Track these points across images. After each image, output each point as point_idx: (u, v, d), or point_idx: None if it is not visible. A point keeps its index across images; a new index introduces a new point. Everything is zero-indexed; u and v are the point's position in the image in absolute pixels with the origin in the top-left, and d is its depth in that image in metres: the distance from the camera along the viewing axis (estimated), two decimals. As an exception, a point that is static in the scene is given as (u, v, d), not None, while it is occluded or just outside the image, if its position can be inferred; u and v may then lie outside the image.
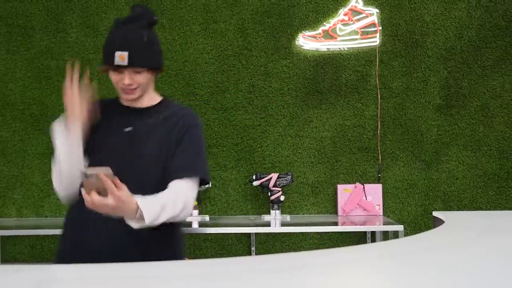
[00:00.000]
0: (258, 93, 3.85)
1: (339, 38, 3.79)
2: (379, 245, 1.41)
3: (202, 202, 3.81)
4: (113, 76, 1.84)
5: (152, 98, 1.98)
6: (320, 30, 3.80)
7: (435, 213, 2.32)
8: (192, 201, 1.81)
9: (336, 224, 3.30)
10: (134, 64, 1.79)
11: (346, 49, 3.81)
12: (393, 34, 3.82)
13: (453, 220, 1.90)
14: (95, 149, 1.84)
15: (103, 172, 1.49)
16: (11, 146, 3.94)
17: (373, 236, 3.69)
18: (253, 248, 3.73)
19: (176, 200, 1.72)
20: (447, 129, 3.79)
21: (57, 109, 3.94)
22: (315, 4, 3.85)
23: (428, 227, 3.70)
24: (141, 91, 1.88)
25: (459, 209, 3.74)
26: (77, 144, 1.81)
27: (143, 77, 1.84)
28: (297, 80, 3.83)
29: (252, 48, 3.86)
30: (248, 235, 3.79)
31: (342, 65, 3.83)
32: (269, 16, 3.84)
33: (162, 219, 1.68)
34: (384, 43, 3.81)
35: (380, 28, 3.79)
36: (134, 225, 1.63)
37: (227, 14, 3.88)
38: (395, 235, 3.17)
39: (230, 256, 3.80)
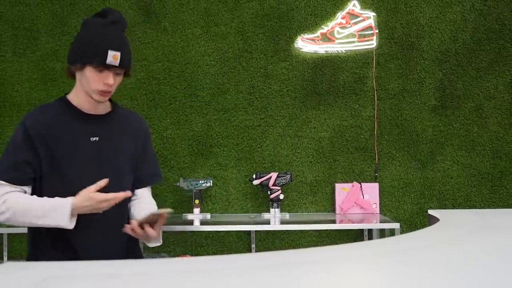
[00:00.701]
0: (258, 95, 3.85)
1: (337, 41, 3.79)
2: (376, 242, 1.41)
3: (204, 200, 3.81)
4: (94, 75, 1.76)
5: (107, 105, 1.96)
6: (318, 33, 3.80)
7: (430, 211, 2.32)
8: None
9: (334, 222, 3.30)
10: (123, 65, 1.78)
11: (344, 52, 3.81)
12: (390, 37, 3.82)
13: (448, 218, 1.90)
14: (64, 160, 1.76)
15: (167, 211, 1.74)
16: (18, 146, 3.93)
17: (370, 234, 3.69)
18: (253, 246, 3.73)
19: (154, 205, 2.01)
20: (442, 129, 3.79)
21: (62, 110, 3.94)
22: (313, 7, 3.85)
23: (423, 225, 3.71)
24: (111, 94, 1.86)
25: (453, 207, 3.75)
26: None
27: (118, 79, 1.83)
28: (296, 82, 3.83)
29: (252, 50, 3.87)
30: (248, 232, 3.80)
31: (340, 67, 3.83)
32: (268, 20, 3.85)
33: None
34: (381, 45, 3.81)
35: (377, 31, 3.79)
36: (154, 244, 1.90)
37: (228, 18, 3.88)
38: (392, 232, 3.18)
39: (230, 253, 3.80)
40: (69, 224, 1.70)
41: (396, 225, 3.12)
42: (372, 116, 3.81)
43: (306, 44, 3.79)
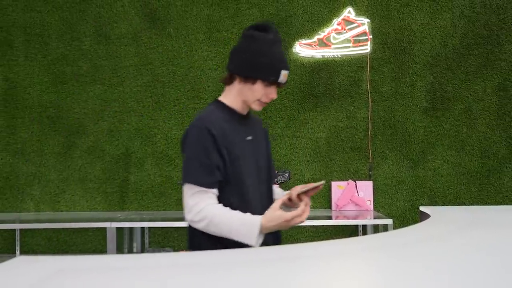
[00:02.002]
0: (258, 97, 3.84)
1: (333, 46, 3.79)
2: (370, 237, 1.41)
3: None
4: (262, 89, 1.74)
5: None
6: (315, 38, 3.81)
7: (421, 208, 2.32)
8: None
9: (330, 218, 3.30)
10: (286, 83, 1.82)
11: (340, 56, 3.81)
12: (383, 42, 3.82)
13: (438, 215, 1.90)
14: (238, 159, 1.74)
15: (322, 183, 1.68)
16: (30, 146, 3.94)
17: (364, 229, 3.70)
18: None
19: None
20: (433, 130, 3.79)
21: (72, 112, 3.95)
22: (310, 14, 3.85)
23: (415, 221, 3.71)
24: None
25: (443, 204, 3.75)
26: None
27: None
28: (294, 85, 3.83)
29: (253, 55, 3.86)
30: (248, 228, 3.79)
31: (336, 71, 3.83)
32: (268, 26, 3.84)
33: None
34: (375, 50, 3.81)
35: (371, 36, 3.79)
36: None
37: (229, 24, 3.89)
38: (385, 228, 3.18)
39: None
40: (255, 243, 1.61)
41: (389, 221, 3.13)
42: (366, 118, 3.81)
43: (304, 49, 3.79)
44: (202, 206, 1.68)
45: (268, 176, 1.80)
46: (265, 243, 1.67)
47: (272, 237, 1.78)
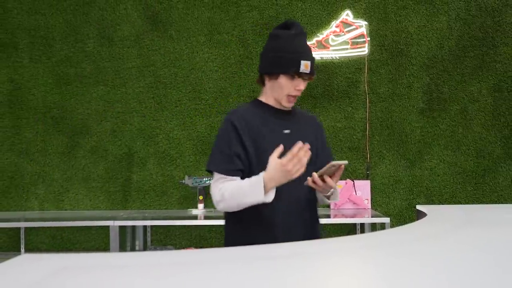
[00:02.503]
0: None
1: (331, 48, 3.79)
2: (368, 235, 1.41)
3: (207, 196, 3.81)
4: (287, 83, 1.80)
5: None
6: (314, 40, 3.81)
7: (418, 207, 2.32)
8: None
9: (328, 216, 3.30)
10: (312, 73, 1.81)
11: (338, 58, 3.81)
12: (380, 44, 3.82)
13: (435, 213, 1.90)
14: (266, 150, 1.76)
15: (344, 163, 1.69)
16: (34, 146, 3.94)
17: (362, 228, 3.69)
18: (253, 239, 3.72)
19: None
20: (429, 130, 3.79)
21: (76, 113, 3.95)
22: (309, 17, 3.85)
23: (412, 220, 3.71)
24: (296, 99, 1.90)
25: (440, 203, 3.75)
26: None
27: (305, 85, 1.85)
28: (293, 86, 3.83)
29: (253, 57, 3.87)
30: (248, 226, 3.79)
31: (334, 72, 3.83)
32: (268, 28, 3.85)
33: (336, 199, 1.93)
34: (372, 52, 3.81)
35: (369, 38, 3.79)
36: (333, 200, 1.91)
37: (230, 26, 3.89)
38: (382, 226, 3.18)
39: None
40: (265, 198, 1.68)
41: (386, 220, 3.12)
42: (364, 118, 3.81)
43: (303, 51, 3.78)
44: (220, 187, 1.77)
45: (308, 168, 1.75)
46: (296, 237, 1.74)
47: (305, 232, 1.85)
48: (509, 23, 3.77)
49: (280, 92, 1.83)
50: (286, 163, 1.62)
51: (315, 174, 1.74)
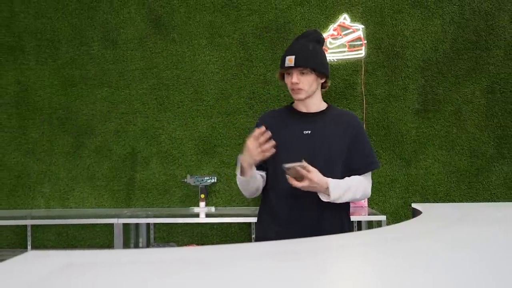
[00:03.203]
0: (258, 99, 3.85)
1: (329, 51, 3.79)
2: (365, 233, 1.41)
3: (209, 195, 3.81)
4: (286, 79, 1.95)
5: (320, 104, 2.04)
6: (312, 43, 3.80)
7: (414, 205, 2.32)
8: (370, 188, 2.01)
9: (326, 214, 3.29)
10: (298, 64, 1.89)
11: (336, 60, 3.81)
12: (377, 47, 3.82)
13: (430, 211, 1.90)
14: (282, 148, 1.89)
15: (298, 165, 1.75)
16: (40, 146, 3.94)
17: (359, 225, 3.69)
18: (253, 236, 3.73)
19: (358, 188, 1.91)
20: (424, 130, 3.79)
21: (81, 113, 3.95)
22: (308, 20, 3.85)
23: (407, 217, 3.71)
24: (307, 93, 1.94)
25: (435, 201, 3.75)
26: (249, 179, 1.92)
27: (307, 78, 1.92)
28: (292, 88, 3.83)
29: (253, 59, 3.87)
30: (248, 224, 3.80)
31: (332, 74, 3.83)
32: (267, 31, 3.85)
33: (343, 200, 1.88)
34: (369, 55, 3.81)
35: (365, 41, 3.79)
36: (324, 198, 1.84)
37: (231, 30, 3.89)
38: (379, 224, 3.18)
39: (232, 242, 3.80)
40: (239, 174, 1.91)
41: (382, 218, 3.12)
42: (361, 119, 3.81)
43: (301, 54, 3.78)
44: None
45: (323, 168, 1.84)
46: (302, 232, 1.77)
47: (312, 228, 1.88)
48: (501, 27, 3.77)
49: (288, 89, 1.97)
50: (248, 144, 1.80)
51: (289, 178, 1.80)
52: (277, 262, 0.97)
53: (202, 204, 3.64)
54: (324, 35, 3.81)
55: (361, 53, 3.78)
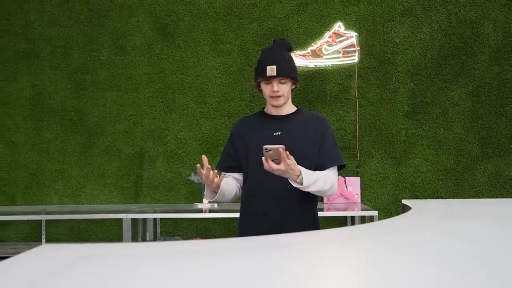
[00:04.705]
0: (257, 102, 3.85)
1: (324, 57, 3.79)
2: (357, 227, 1.41)
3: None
4: (264, 87, 1.93)
5: (290, 107, 2.03)
6: (309, 50, 3.81)
7: (404, 201, 2.31)
8: (336, 183, 1.97)
9: (322, 210, 3.29)
10: (280, 74, 1.89)
11: (330, 66, 3.81)
12: (369, 53, 3.82)
13: (419, 207, 1.90)
14: (254, 150, 1.90)
15: (281, 147, 1.70)
16: (54, 146, 3.94)
17: (352, 220, 3.69)
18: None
19: (327, 180, 1.87)
20: (414, 131, 3.79)
21: (92, 115, 3.95)
22: (304, 28, 3.85)
23: (398, 213, 3.71)
24: (284, 99, 1.95)
25: (423, 197, 3.75)
26: (224, 192, 1.91)
27: (285, 87, 1.92)
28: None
29: (253, 64, 3.86)
30: (249, 219, 3.79)
31: (327, 79, 3.83)
32: (267, 38, 3.85)
33: (313, 189, 1.83)
34: (362, 60, 3.81)
35: (359, 48, 3.79)
36: (294, 184, 1.79)
37: (232, 37, 3.89)
38: (371, 219, 3.17)
39: (234, 236, 3.80)
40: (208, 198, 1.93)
41: (374, 213, 3.12)
42: (354, 120, 3.81)
43: (298, 59, 3.79)
44: None
45: (301, 164, 1.81)
46: (277, 228, 1.78)
47: (287, 223, 1.87)
48: (486, 34, 3.77)
49: (265, 96, 1.95)
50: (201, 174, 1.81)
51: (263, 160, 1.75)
52: (275, 253, 0.97)
53: (206, 200, 3.64)
54: (320, 42, 3.81)
55: (355, 59, 3.78)
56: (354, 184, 3.65)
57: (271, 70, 1.88)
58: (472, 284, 0.71)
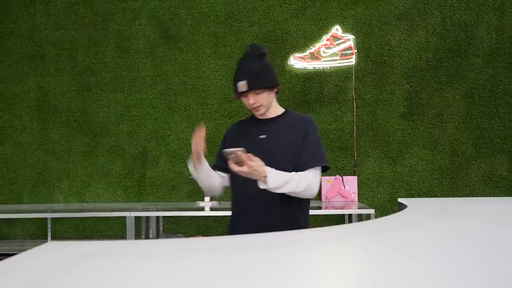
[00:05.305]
0: (257, 103, 3.84)
1: (322, 59, 3.79)
2: (355, 225, 1.41)
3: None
4: (243, 100, 1.92)
5: (276, 110, 2.00)
6: (307, 52, 3.81)
7: (400, 200, 2.31)
8: (316, 184, 1.84)
9: (320, 208, 3.30)
10: (251, 88, 1.86)
11: (328, 68, 3.81)
12: (366, 56, 3.82)
13: (414, 205, 1.90)
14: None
15: (239, 150, 1.68)
16: (59, 146, 3.94)
17: (350, 218, 3.69)
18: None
19: (301, 181, 1.78)
20: (409, 132, 3.79)
21: (96, 116, 3.95)
22: (303, 31, 3.85)
23: (394, 211, 3.71)
24: (265, 107, 1.92)
25: (419, 196, 3.75)
26: (204, 174, 1.94)
27: (263, 96, 1.89)
28: (289, 93, 3.83)
29: (253, 67, 3.86)
30: (249, 217, 3.79)
31: (325, 81, 3.83)
32: (266, 41, 3.85)
33: (284, 190, 1.76)
34: (359, 62, 3.81)
35: (356, 51, 3.79)
36: (261, 185, 1.74)
37: (233, 40, 3.89)
38: (368, 217, 3.18)
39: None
40: (192, 169, 1.95)
41: (371, 211, 3.12)
42: (351, 121, 3.81)
43: (297, 62, 3.79)
44: None
45: (278, 169, 1.78)
46: (258, 227, 1.76)
47: (268, 223, 1.83)
48: (479, 37, 3.77)
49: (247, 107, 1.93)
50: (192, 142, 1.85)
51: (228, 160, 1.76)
52: (275, 251, 0.97)
53: (207, 199, 3.64)
54: (318, 44, 3.81)
55: (352, 61, 3.78)
56: (351, 183, 3.65)
57: (241, 86, 1.85)
58: (466, 280, 0.71)
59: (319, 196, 3.77)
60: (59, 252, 0.93)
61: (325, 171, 1.94)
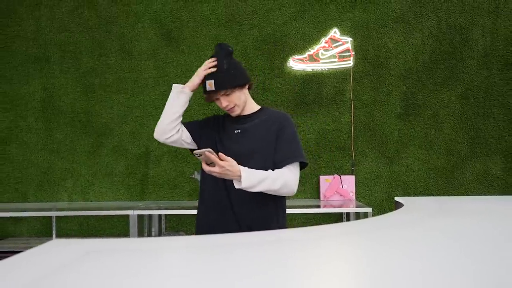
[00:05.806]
0: (258, 104, 3.84)
1: (321, 61, 3.79)
2: (352, 223, 1.41)
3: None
4: (217, 103, 1.87)
5: (252, 107, 1.95)
6: (306, 54, 3.81)
7: (396, 198, 2.31)
8: (294, 181, 1.75)
9: (318, 207, 3.30)
10: (219, 88, 1.80)
11: (327, 70, 3.81)
12: (364, 58, 3.82)
13: (411, 204, 1.90)
14: (217, 147, 1.84)
15: (207, 150, 1.62)
16: (64, 146, 3.94)
17: (347, 216, 3.70)
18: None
19: (277, 179, 1.70)
20: (406, 132, 3.79)
21: (100, 117, 3.95)
22: (302, 34, 3.85)
23: (391, 209, 3.71)
24: (240, 107, 1.86)
25: (415, 195, 3.75)
26: (180, 104, 1.92)
27: (234, 96, 1.83)
28: (288, 94, 3.83)
29: (253, 68, 3.87)
30: (249, 215, 3.79)
31: (324, 82, 3.83)
32: (266, 44, 3.85)
33: (259, 188, 1.68)
34: (357, 64, 3.81)
35: (353, 53, 3.79)
36: (236, 185, 1.68)
37: (233, 42, 3.88)
38: (365, 215, 3.18)
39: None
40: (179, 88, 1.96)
41: (369, 209, 3.12)
42: (349, 122, 3.81)
43: (296, 64, 3.79)
44: None
45: (253, 164, 1.73)
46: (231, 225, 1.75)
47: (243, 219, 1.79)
48: (474, 40, 3.77)
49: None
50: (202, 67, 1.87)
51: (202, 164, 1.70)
52: (273, 248, 0.97)
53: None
54: (317, 47, 3.81)
55: (350, 63, 3.78)
56: (349, 182, 3.65)
57: (209, 85, 1.81)
58: (462, 278, 0.71)
59: (317, 195, 3.77)
60: (64, 250, 0.93)
61: (303, 167, 1.83)
